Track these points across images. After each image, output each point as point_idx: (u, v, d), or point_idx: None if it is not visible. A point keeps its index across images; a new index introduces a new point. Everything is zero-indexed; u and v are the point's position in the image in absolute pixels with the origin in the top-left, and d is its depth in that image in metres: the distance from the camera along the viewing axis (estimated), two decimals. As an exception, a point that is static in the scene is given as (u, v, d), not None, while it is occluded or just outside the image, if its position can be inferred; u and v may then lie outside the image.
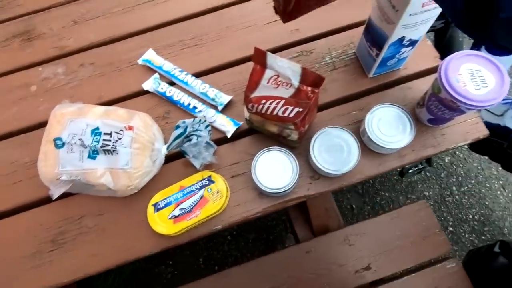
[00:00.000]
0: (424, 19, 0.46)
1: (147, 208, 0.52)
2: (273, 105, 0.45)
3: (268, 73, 0.44)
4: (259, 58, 0.43)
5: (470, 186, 1.29)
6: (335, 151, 0.52)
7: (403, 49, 0.53)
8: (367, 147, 0.55)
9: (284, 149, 0.52)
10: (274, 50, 0.65)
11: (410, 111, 0.58)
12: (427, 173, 1.32)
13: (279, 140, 0.54)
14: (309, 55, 0.63)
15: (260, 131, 0.56)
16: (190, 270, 1.22)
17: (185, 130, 0.49)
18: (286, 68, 0.42)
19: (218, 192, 0.51)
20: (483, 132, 0.56)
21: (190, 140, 0.49)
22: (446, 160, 1.33)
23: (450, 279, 0.75)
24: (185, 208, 0.51)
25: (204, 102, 0.60)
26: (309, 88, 0.43)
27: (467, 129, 0.56)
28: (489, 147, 0.90)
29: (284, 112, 0.45)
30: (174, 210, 0.51)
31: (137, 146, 0.51)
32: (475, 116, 0.56)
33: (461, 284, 0.74)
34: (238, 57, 0.65)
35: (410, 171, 1.13)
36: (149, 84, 0.61)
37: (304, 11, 0.45)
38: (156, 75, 0.62)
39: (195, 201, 0.51)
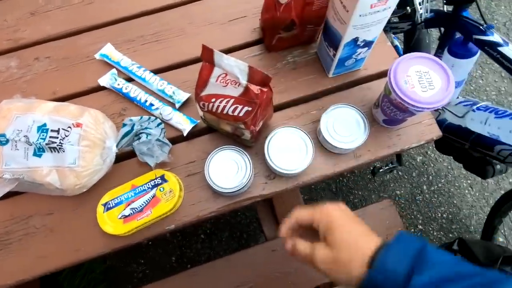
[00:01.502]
0: (375, 20, 0.46)
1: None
2: (223, 103, 0.44)
3: (216, 71, 0.43)
4: (206, 55, 0.43)
5: (440, 185, 1.32)
6: (290, 151, 0.52)
7: (359, 50, 0.53)
8: (323, 147, 0.55)
9: (238, 148, 0.51)
10: (237, 48, 0.64)
11: (368, 111, 0.58)
12: (399, 172, 1.34)
13: (234, 139, 0.54)
14: (271, 54, 0.63)
15: (217, 130, 0.55)
16: (162, 269, 1.20)
17: (132, 128, 0.48)
18: (233, 66, 0.41)
19: (170, 191, 0.51)
20: (437, 133, 0.57)
21: (140, 138, 0.48)
22: (418, 160, 1.36)
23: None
24: (136, 208, 0.50)
25: (161, 99, 0.58)
26: (257, 87, 0.42)
27: (422, 130, 0.57)
28: (453, 147, 0.93)
29: (234, 111, 0.44)
30: (124, 209, 0.50)
31: (86, 144, 0.49)
32: (430, 118, 0.57)
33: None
34: (200, 54, 0.63)
35: (381, 170, 1.14)
36: (105, 80, 0.59)
37: (284, 46, 0.60)
38: (114, 70, 0.61)
39: (146, 201, 0.50)
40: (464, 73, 0.85)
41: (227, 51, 0.63)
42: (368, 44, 0.52)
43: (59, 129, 0.49)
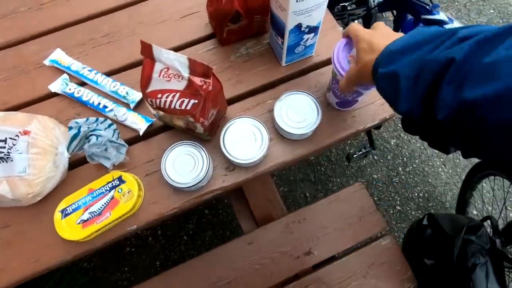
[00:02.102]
0: (314, 5, 0.47)
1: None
2: (170, 98, 0.44)
3: (158, 66, 0.43)
4: (146, 51, 0.42)
5: (414, 165, 1.36)
6: (246, 141, 0.52)
7: (305, 36, 0.54)
8: (280, 135, 0.56)
9: (194, 142, 0.51)
10: (190, 44, 0.64)
11: (322, 96, 0.59)
12: (375, 157, 1.37)
13: (190, 134, 0.54)
14: (224, 47, 0.63)
15: (172, 127, 0.55)
16: (148, 275, 1.18)
17: (79, 130, 0.47)
18: (173, 60, 0.41)
19: (129, 191, 0.50)
20: (389, 112, 0.58)
21: (90, 140, 0.47)
22: (392, 143, 1.39)
23: (384, 255, 0.78)
24: (94, 211, 0.49)
25: (116, 100, 0.58)
26: (200, 79, 0.42)
27: (375, 110, 0.58)
28: (418, 127, 0.95)
29: (181, 105, 0.44)
30: (83, 214, 0.49)
31: (36, 151, 0.48)
32: (381, 98, 0.59)
33: (394, 257, 0.77)
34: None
35: (355, 155, 1.16)
36: (56, 86, 0.58)
37: (236, 39, 0.61)
38: (65, 76, 0.60)
39: (105, 203, 0.50)
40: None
41: (180, 47, 0.63)
42: (313, 30, 0.53)
43: (6, 138, 0.48)
